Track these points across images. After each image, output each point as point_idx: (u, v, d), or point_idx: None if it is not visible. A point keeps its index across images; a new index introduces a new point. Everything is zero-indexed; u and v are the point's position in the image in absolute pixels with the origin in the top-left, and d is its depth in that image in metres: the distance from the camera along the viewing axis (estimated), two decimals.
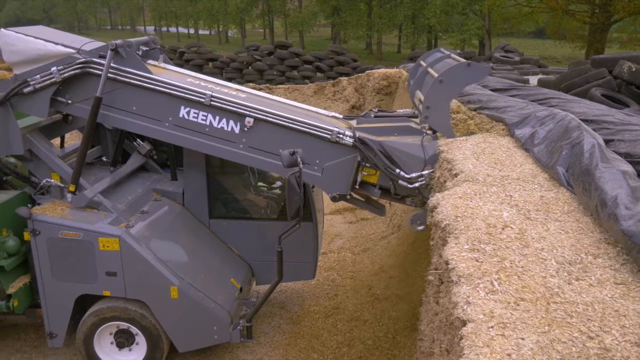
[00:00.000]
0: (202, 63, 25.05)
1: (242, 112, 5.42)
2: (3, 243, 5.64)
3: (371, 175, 5.59)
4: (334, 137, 5.39)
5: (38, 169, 5.84)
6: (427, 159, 5.23)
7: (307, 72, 23.38)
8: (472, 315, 2.54)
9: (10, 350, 6.70)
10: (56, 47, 5.49)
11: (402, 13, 41.11)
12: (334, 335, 6.74)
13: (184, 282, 5.57)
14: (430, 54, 6.95)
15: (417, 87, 6.16)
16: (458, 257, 3.07)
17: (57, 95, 5.54)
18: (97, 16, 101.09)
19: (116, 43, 5.37)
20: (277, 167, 5.51)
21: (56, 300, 5.77)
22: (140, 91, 5.48)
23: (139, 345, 5.94)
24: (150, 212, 6.02)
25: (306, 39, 53.57)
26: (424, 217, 5.45)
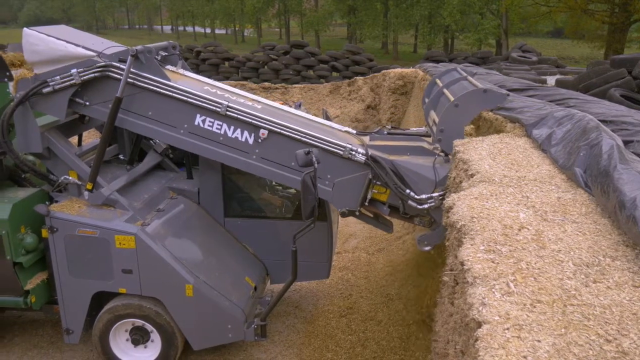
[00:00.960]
0: (219, 62, 25.16)
1: (256, 124, 5.47)
2: (21, 240, 5.71)
3: (381, 194, 5.66)
4: (347, 153, 5.43)
5: (56, 167, 5.91)
6: (438, 181, 5.25)
7: (323, 72, 23.37)
8: (487, 317, 2.52)
9: (27, 346, 6.79)
10: (77, 49, 5.55)
11: (419, 13, 40.92)
12: (348, 335, 6.73)
13: (199, 280, 5.60)
14: (446, 73, 6.93)
15: (432, 107, 6.16)
16: (474, 258, 3.05)
17: (76, 97, 5.61)
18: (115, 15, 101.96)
19: (137, 49, 5.43)
20: (288, 179, 5.61)
21: (73, 296, 5.84)
22: (157, 97, 5.54)
23: (154, 342, 5.99)
24: (166, 210, 6.07)
25: (322, 38, 53.58)
26: (431, 237, 5.57)
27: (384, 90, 15.02)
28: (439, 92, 6.18)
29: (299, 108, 7.20)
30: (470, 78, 6.31)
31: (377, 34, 45.95)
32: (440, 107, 5.87)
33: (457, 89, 5.80)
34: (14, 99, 5.54)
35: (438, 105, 6.03)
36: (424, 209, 5.37)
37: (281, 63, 23.61)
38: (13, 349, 6.71)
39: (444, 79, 6.69)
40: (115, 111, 5.46)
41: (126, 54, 5.46)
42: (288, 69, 23.52)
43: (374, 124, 15.18)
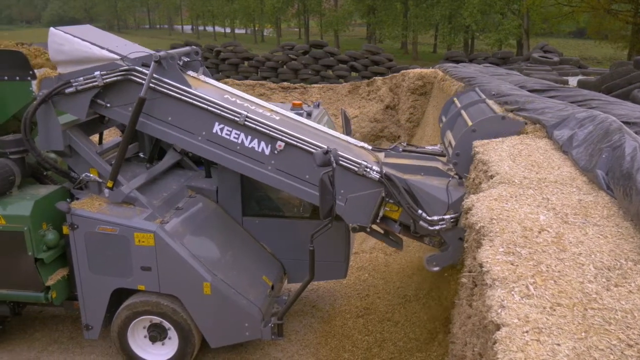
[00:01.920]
0: (238, 62, 25.26)
1: (274, 135, 5.51)
2: (43, 236, 5.80)
3: (393, 212, 5.69)
4: (362, 170, 5.45)
5: (77, 165, 5.99)
6: (451, 204, 5.26)
7: (342, 72, 23.35)
8: (506, 320, 2.50)
9: (47, 341, 6.89)
10: (101, 52, 5.62)
11: (439, 13, 40.73)
12: (365, 335, 6.72)
13: (216, 279, 5.63)
14: (465, 93, 6.89)
15: (449, 127, 6.14)
16: (493, 260, 3.03)
17: (97, 98, 5.69)
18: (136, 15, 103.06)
19: (160, 55, 5.50)
20: (302, 192, 5.66)
21: (93, 293, 5.91)
22: (177, 103, 5.60)
23: (172, 339, 6.03)
24: (184, 208, 6.11)
25: (341, 38, 53.58)
26: (440, 258, 5.57)
27: (403, 90, 14.95)
28: (456, 112, 6.17)
29: (318, 108, 7.20)
30: (488, 101, 6.29)
31: (397, 34, 45.84)
32: (457, 129, 5.87)
33: (475, 112, 5.77)
34: (37, 97, 5.62)
35: (455, 127, 6.02)
36: (435, 230, 5.40)
37: (300, 63, 23.64)
38: (34, 344, 6.81)
39: (462, 99, 6.67)
40: (138, 112, 5.53)
41: (149, 59, 5.52)
42: (307, 68, 23.54)
43: (392, 124, 15.13)
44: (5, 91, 5.93)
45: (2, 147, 5.90)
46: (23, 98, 5.89)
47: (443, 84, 11.98)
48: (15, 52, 5.89)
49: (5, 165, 5.77)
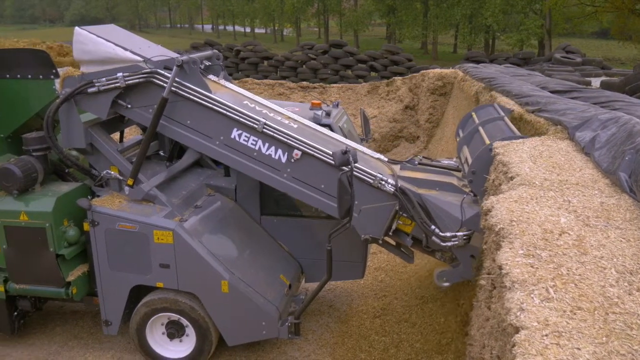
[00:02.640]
0: (258, 61, 25.36)
1: (291, 144, 5.52)
2: (64, 232, 5.88)
3: (406, 225, 5.70)
4: (377, 182, 5.44)
5: (98, 162, 6.06)
6: (464, 221, 5.24)
7: (361, 72, 23.32)
8: (525, 323, 2.47)
9: (68, 336, 6.98)
10: (125, 53, 5.69)
11: (459, 12, 40.45)
12: (382, 336, 6.70)
13: (234, 277, 5.65)
14: (483, 108, 6.84)
15: (466, 142, 6.12)
16: (512, 262, 3.00)
17: (118, 99, 5.75)
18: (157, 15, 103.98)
19: (182, 59, 5.54)
20: (317, 201, 5.66)
21: (112, 289, 5.97)
22: (197, 107, 5.65)
23: (189, 336, 6.08)
24: (203, 207, 6.16)
25: (361, 38, 53.51)
26: (451, 274, 5.60)
27: (422, 90, 14.88)
28: (474, 128, 6.13)
29: (337, 107, 7.19)
30: (507, 119, 6.23)
31: (417, 33, 45.62)
32: (474, 146, 5.84)
33: (493, 130, 5.73)
34: (60, 95, 5.69)
35: (472, 143, 6.00)
36: (447, 246, 5.40)
37: (319, 62, 23.66)
38: (54, 339, 6.91)
39: (480, 114, 6.63)
40: (160, 112, 5.58)
41: (172, 63, 5.57)
42: (326, 68, 23.55)
43: (411, 125, 15.06)
44: (29, 89, 6.01)
45: (25, 145, 5.99)
46: (46, 96, 5.97)
47: (463, 84, 11.90)
48: (39, 51, 5.98)
49: (29, 162, 5.85)
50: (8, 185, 5.75)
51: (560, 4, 31.95)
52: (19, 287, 6.11)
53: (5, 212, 5.83)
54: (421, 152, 14.23)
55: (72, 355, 6.58)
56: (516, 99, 7.45)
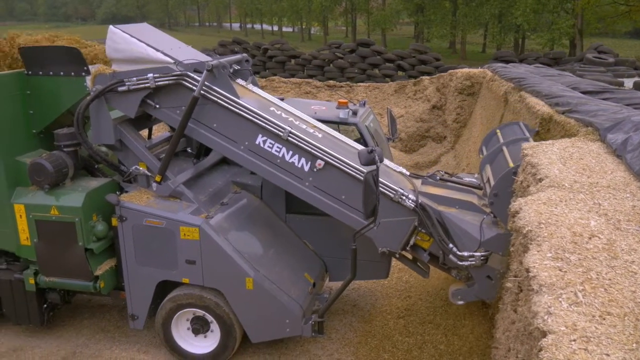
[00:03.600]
0: (285, 60, 25.42)
1: (314, 154, 5.55)
2: (93, 227, 5.98)
3: (424, 241, 5.73)
4: (397, 197, 5.47)
5: (127, 158, 6.15)
6: (483, 242, 5.25)
7: (389, 71, 23.20)
8: (553, 327, 2.44)
9: (95, 329, 7.10)
10: (156, 54, 5.78)
11: (489, 12, 39.98)
12: (405, 336, 6.66)
13: (259, 274, 5.69)
14: (508, 126, 6.77)
15: (489, 161, 6.08)
16: (540, 265, 2.96)
17: (147, 98, 5.83)
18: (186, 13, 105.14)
19: (212, 64, 5.59)
20: (336, 211, 5.70)
21: (139, 284, 6.05)
22: (224, 111, 5.70)
23: (214, 332, 6.13)
24: (229, 204, 6.20)
25: (388, 37, 53.27)
26: (466, 293, 5.63)
27: (450, 90, 14.77)
28: (498, 148, 6.09)
29: (364, 107, 7.17)
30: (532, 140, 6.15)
31: (445, 33, 45.22)
32: (496, 166, 5.80)
33: (517, 151, 5.67)
34: (91, 92, 5.79)
35: (494, 162, 5.97)
36: (464, 266, 5.41)
37: (347, 61, 23.60)
38: (82, 331, 7.03)
39: (504, 131, 6.57)
40: (190, 111, 5.64)
41: (202, 67, 5.63)
42: (353, 67, 23.47)
43: (438, 125, 14.95)
44: (61, 86, 6.12)
45: (56, 140, 6.10)
46: (77, 93, 6.07)
47: (492, 84, 11.77)
48: (71, 48, 6.07)
49: (60, 158, 5.96)
50: (39, 179, 5.86)
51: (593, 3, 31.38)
52: (49, 280, 6.24)
53: (36, 206, 5.96)
54: (448, 152, 14.13)
55: (99, 348, 6.70)
56: (546, 100, 7.34)
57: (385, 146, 7.44)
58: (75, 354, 6.57)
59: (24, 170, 5.96)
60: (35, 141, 6.33)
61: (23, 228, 6.06)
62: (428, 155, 14.47)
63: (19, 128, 6.14)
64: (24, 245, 6.14)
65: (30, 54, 6.10)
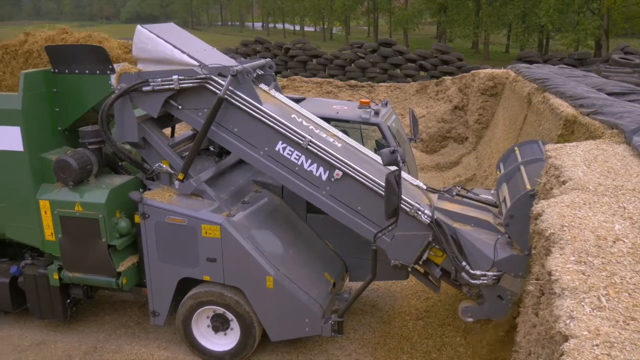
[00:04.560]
0: (306, 59, 25.46)
1: (333, 163, 5.59)
2: (116, 224, 6.05)
3: (437, 256, 5.76)
4: (413, 211, 5.50)
5: (150, 156, 6.23)
6: (496, 262, 5.25)
7: (410, 71, 23.11)
8: (575, 331, 2.42)
9: (116, 324, 7.19)
10: (182, 56, 5.85)
11: (512, 12, 39.54)
12: (424, 338, 6.64)
13: (279, 273, 5.71)
14: (527, 144, 6.72)
15: (506, 180, 6.06)
16: (562, 268, 2.93)
17: (171, 99, 5.90)
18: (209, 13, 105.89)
19: (237, 69, 5.65)
20: (352, 222, 5.74)
21: (160, 281, 6.12)
22: (246, 117, 5.75)
23: (234, 330, 6.18)
24: (250, 202, 6.24)
25: (410, 37, 53.01)
26: (476, 311, 5.67)
27: (472, 91, 14.65)
28: (516, 167, 6.06)
29: (386, 107, 7.15)
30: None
31: (468, 33, 44.83)
32: (513, 186, 5.78)
33: (534, 171, 5.62)
34: (115, 91, 5.87)
35: (511, 181, 5.95)
36: (475, 284, 5.43)
37: (368, 61, 23.56)
38: (103, 327, 7.13)
39: (523, 150, 6.52)
40: (215, 111, 5.69)
41: (226, 71, 5.68)
42: (375, 67, 23.43)
43: (460, 125, 14.84)
44: (86, 84, 6.20)
45: (81, 138, 6.19)
46: (102, 91, 6.15)
47: (515, 85, 11.66)
48: (96, 47, 6.15)
49: (84, 155, 6.05)
50: (64, 176, 5.95)
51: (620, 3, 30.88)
52: (72, 276, 6.33)
53: (61, 202, 6.05)
54: (469, 154, 14.02)
55: (119, 343, 6.78)
56: (570, 101, 7.26)
57: (407, 147, 7.41)
58: (97, 349, 6.66)
59: (49, 167, 6.06)
60: (60, 138, 6.43)
61: (48, 224, 6.16)
62: (449, 156, 14.38)
63: (46, 125, 6.25)
64: (49, 240, 6.25)
65: (57, 53, 6.19)
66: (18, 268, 6.73)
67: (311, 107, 7.00)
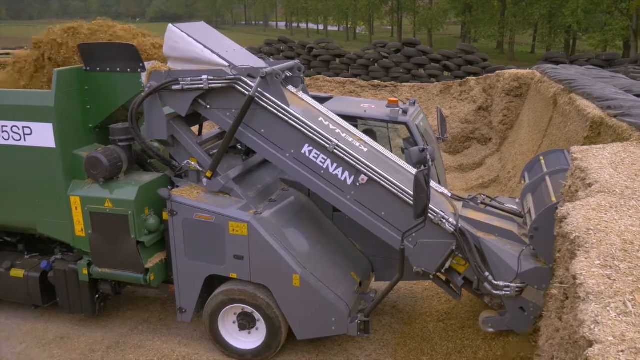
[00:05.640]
0: (330, 59, 25.46)
1: (359, 168, 5.62)
2: (145, 221, 6.15)
3: (460, 265, 5.75)
4: (437, 219, 5.50)
5: (178, 154, 6.32)
6: (520, 273, 5.26)
7: (434, 71, 22.97)
8: (600, 336, 2.43)
9: (139, 320, 7.31)
10: (212, 56, 5.93)
11: (539, 12, 39.05)
12: (444, 340, 6.63)
13: (306, 272, 5.76)
14: (554, 153, 6.67)
15: (531, 190, 6.04)
16: (588, 272, 2.94)
17: (199, 98, 5.98)
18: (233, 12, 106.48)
19: (266, 71, 5.70)
20: (375, 227, 5.77)
21: (187, 277, 6.20)
22: (273, 118, 5.81)
23: (259, 330, 6.23)
24: (277, 201, 6.30)
25: (434, 37, 52.69)
26: (497, 322, 5.68)
27: (497, 91, 14.55)
28: (541, 177, 6.03)
29: (414, 106, 7.14)
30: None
31: (493, 33, 44.40)
32: (538, 197, 5.76)
33: (560, 182, 5.59)
34: (145, 88, 5.97)
35: (537, 192, 5.93)
36: (498, 295, 5.44)
37: (392, 61, 23.47)
38: (126, 322, 7.26)
39: (549, 159, 6.48)
40: (245, 110, 5.75)
41: (256, 72, 5.75)
42: (398, 67, 23.32)
43: (484, 126, 14.75)
44: (117, 82, 6.30)
45: (112, 135, 6.29)
46: (132, 89, 6.23)
47: (540, 86, 11.56)
48: (128, 45, 6.24)
49: (114, 152, 6.15)
50: (95, 173, 6.05)
51: None
52: (101, 271, 6.44)
53: (91, 198, 6.17)
54: (493, 155, 13.92)
55: (141, 338, 6.88)
56: (597, 102, 7.20)
57: (435, 146, 7.41)
58: (119, 344, 6.77)
59: (80, 163, 6.17)
60: (91, 135, 6.53)
61: (78, 220, 6.29)
62: (472, 157, 14.31)
63: (77, 122, 6.36)
64: (79, 236, 6.37)
65: (89, 51, 6.30)
66: (48, 263, 6.89)
67: (338, 106, 7.03)
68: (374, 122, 6.91)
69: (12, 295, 7.08)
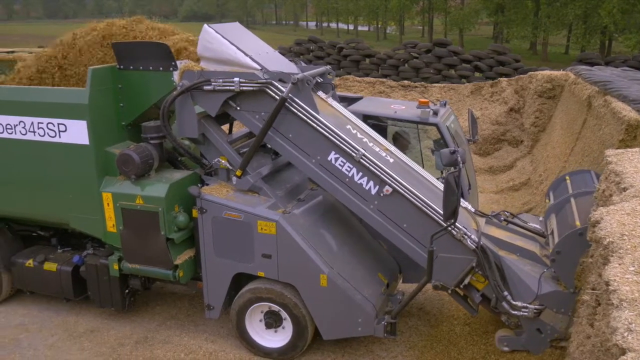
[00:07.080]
0: (360, 59, 25.46)
1: (384, 179, 5.62)
2: (175, 218, 6.23)
3: (479, 282, 5.72)
4: (459, 235, 5.47)
5: (208, 152, 6.41)
6: (539, 295, 5.23)
7: (465, 72, 22.77)
8: (633, 344, 2.39)
9: (166, 316, 7.41)
10: (245, 59, 6.00)
11: (573, 12, 38.32)
12: (470, 344, 6.57)
13: (333, 272, 5.77)
14: (580, 174, 6.59)
15: (555, 211, 5.96)
16: (621, 278, 2.89)
17: (230, 99, 6.05)
18: (264, 12, 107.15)
19: (298, 78, 5.75)
20: (396, 238, 5.79)
21: (216, 275, 6.27)
22: (301, 124, 5.84)
23: (285, 329, 6.26)
24: (306, 200, 6.33)
25: (466, 37, 52.17)
26: (513, 341, 5.67)
27: (529, 93, 14.35)
28: (566, 198, 5.94)
29: (444, 107, 7.09)
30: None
31: (526, 33, 43.74)
32: (562, 219, 5.68)
33: (585, 205, 5.52)
34: (177, 87, 6.05)
35: (560, 213, 5.84)
36: (515, 315, 5.41)
37: (422, 61, 23.34)
38: (154, 317, 7.36)
39: (574, 179, 6.39)
40: (277, 111, 5.79)
41: (287, 77, 5.79)
42: (429, 67, 23.18)
43: (515, 128, 14.57)
44: (150, 80, 6.38)
45: (144, 132, 6.39)
46: (164, 87, 6.30)
47: (574, 87, 11.36)
48: (160, 44, 6.32)
49: (146, 149, 6.24)
50: (127, 170, 6.15)
51: None
52: (132, 267, 6.56)
53: (123, 195, 6.27)
54: (524, 157, 13.74)
55: (169, 334, 6.97)
56: (633, 105, 7.05)
57: (465, 148, 7.35)
58: (147, 339, 6.87)
59: (112, 160, 6.27)
60: (123, 133, 6.65)
61: (110, 215, 6.41)
62: (503, 159, 14.14)
63: (110, 120, 6.47)
64: (110, 232, 6.49)
65: (122, 49, 6.40)
66: (80, 257, 7.04)
67: (368, 106, 7.02)
68: (404, 124, 6.89)
69: (45, 288, 7.25)
